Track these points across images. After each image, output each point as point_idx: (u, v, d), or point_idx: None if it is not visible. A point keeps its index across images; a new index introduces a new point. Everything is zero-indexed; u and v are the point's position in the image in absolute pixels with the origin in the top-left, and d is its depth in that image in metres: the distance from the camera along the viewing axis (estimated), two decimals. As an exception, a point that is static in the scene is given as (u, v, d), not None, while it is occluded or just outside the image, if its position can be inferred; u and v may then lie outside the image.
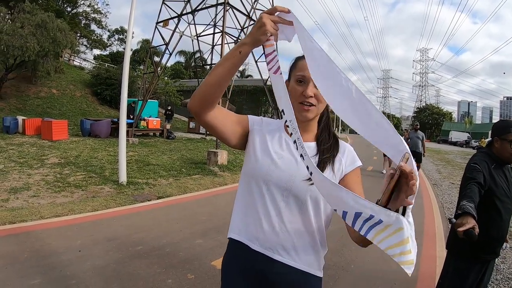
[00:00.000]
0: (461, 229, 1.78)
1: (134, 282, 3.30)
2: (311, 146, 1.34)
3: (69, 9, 35.80)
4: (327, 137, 1.38)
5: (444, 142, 51.54)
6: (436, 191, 9.33)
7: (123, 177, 7.49)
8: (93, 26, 39.40)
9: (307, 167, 1.05)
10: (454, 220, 1.93)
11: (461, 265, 2.36)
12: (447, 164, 17.10)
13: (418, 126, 11.46)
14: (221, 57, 14.03)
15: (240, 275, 1.35)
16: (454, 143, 47.64)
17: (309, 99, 1.25)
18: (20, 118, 13.91)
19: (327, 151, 1.32)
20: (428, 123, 67.12)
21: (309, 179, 1.16)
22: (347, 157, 1.35)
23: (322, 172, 1.21)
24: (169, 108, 23.34)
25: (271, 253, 1.28)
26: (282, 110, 1.14)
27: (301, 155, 1.07)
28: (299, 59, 1.31)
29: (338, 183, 1.27)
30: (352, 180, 1.33)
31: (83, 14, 37.35)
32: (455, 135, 50.62)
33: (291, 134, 1.11)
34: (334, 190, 0.97)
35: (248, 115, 1.42)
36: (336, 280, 3.59)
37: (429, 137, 61.04)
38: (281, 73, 1.16)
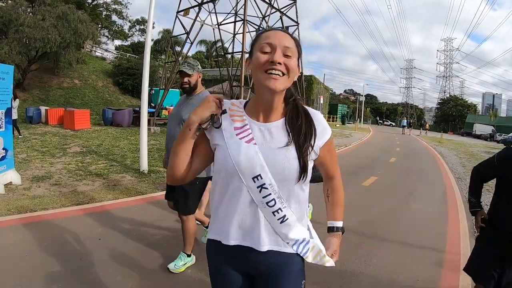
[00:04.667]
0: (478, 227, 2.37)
1: (154, 271, 3.29)
2: (278, 125, 1.26)
3: (89, 0, 36.14)
4: (297, 113, 1.28)
5: (467, 135, 49.95)
6: (461, 185, 9.05)
7: (144, 166, 7.53)
8: (114, 17, 39.75)
9: None
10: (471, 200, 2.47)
11: (480, 246, 2.42)
12: (471, 158, 16.62)
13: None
14: (242, 46, 14.05)
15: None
16: (478, 136, 46.25)
17: (277, 66, 1.13)
18: (43, 108, 14.20)
19: (302, 132, 1.23)
20: (452, 115, 65.49)
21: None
22: (319, 130, 1.28)
23: (306, 159, 1.22)
24: None
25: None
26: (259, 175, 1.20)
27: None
28: (262, 32, 1.24)
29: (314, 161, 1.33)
30: (326, 156, 1.34)
31: (104, 5, 37.67)
32: (479, 128, 49.05)
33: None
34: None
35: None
36: (358, 274, 3.49)
37: (453, 130, 59.63)
38: (255, 143, 1.22)
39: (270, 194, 1.21)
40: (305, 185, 1.29)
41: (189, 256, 3.36)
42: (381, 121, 78.03)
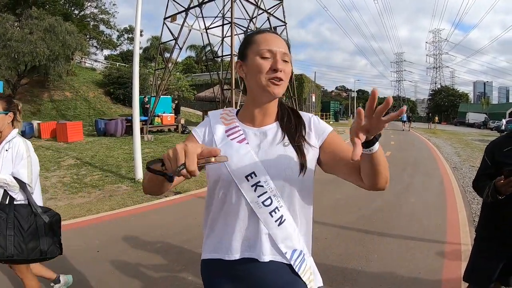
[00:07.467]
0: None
1: (154, 280, 3.26)
2: (272, 127, 1.26)
3: (76, 11, 35.91)
4: (287, 113, 1.30)
5: (461, 124, 50.31)
6: (457, 174, 9.09)
7: (139, 175, 7.49)
8: (102, 27, 39.58)
9: None
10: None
11: (482, 245, 2.22)
12: (465, 147, 16.72)
13: None
14: (231, 49, 14.06)
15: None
16: (472, 125, 46.58)
17: (279, 73, 1.15)
18: (35, 123, 14.07)
19: (293, 129, 1.24)
20: (444, 105, 65.80)
21: None
22: (314, 128, 1.28)
23: (303, 154, 1.20)
24: (176, 102, 23.39)
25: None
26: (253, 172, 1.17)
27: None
28: (255, 34, 1.22)
29: (319, 156, 1.26)
30: (332, 145, 1.25)
31: (91, 15, 37.47)
32: (472, 117, 49.39)
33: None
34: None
35: (192, 133, 1.32)
36: (359, 271, 3.49)
37: (446, 119, 59.95)
38: (247, 143, 1.21)
39: (265, 192, 1.17)
40: (307, 189, 1.25)
41: None
42: None
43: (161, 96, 17.03)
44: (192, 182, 7.49)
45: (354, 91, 56.60)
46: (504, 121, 30.88)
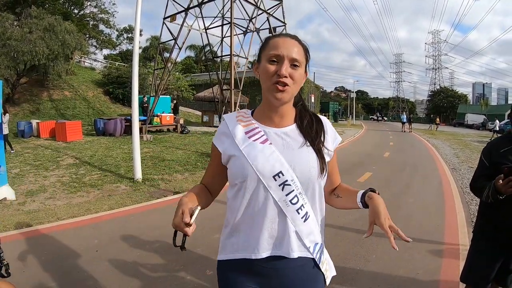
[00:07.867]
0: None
1: (153, 280, 3.27)
2: (293, 129, 1.29)
3: (76, 11, 35.83)
4: (308, 116, 1.33)
5: (460, 125, 50.40)
6: (455, 175, 9.11)
7: (138, 174, 7.49)
8: (101, 27, 39.49)
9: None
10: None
11: (480, 245, 2.22)
12: (464, 148, 16.74)
13: None
14: (231, 49, 14.07)
15: None
16: (470, 126, 46.66)
17: (284, 79, 1.15)
18: (34, 122, 14.08)
19: (313, 132, 1.28)
20: (443, 106, 65.84)
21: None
22: (330, 134, 1.33)
23: (323, 157, 1.26)
24: (175, 102, 23.40)
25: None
26: (281, 172, 1.20)
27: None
28: (271, 38, 1.24)
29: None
30: (333, 159, 1.38)
31: (91, 15, 37.37)
32: (471, 118, 49.45)
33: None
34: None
35: (213, 142, 1.34)
36: (358, 271, 3.50)
37: (445, 121, 59.98)
38: (270, 143, 1.23)
39: (293, 190, 1.21)
40: (323, 187, 1.32)
41: None
42: (380, 117, 72.26)
43: (160, 96, 17.02)
44: (192, 182, 7.50)
45: (353, 92, 56.58)
46: (497, 122, 30.89)
